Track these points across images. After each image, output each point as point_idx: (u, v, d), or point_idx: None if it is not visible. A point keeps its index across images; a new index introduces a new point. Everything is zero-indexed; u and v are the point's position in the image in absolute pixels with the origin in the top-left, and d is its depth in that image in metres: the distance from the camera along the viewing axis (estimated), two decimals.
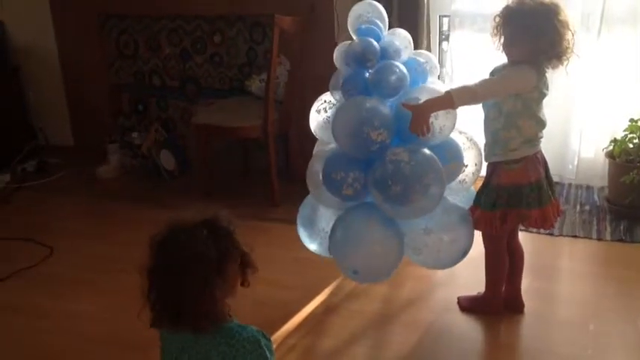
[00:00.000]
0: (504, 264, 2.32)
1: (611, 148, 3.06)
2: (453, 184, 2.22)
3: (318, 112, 2.28)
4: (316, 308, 2.46)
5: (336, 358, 2.17)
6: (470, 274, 2.46)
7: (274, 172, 3.37)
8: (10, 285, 2.71)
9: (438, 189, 2.04)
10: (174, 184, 3.80)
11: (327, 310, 2.45)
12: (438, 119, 2.06)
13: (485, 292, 2.37)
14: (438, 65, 2.32)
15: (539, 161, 2.19)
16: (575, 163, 3.38)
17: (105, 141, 4.01)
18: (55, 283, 2.73)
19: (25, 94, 4.29)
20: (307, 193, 2.35)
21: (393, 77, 2.07)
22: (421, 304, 2.50)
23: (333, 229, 2.18)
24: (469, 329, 2.34)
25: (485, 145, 2.23)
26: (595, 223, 3.04)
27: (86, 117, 4.25)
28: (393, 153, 2.00)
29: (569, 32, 2.03)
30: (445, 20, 3.40)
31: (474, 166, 2.24)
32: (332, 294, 2.56)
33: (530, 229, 2.81)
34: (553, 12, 2.03)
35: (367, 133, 1.98)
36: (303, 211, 2.37)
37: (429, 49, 3.27)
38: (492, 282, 2.33)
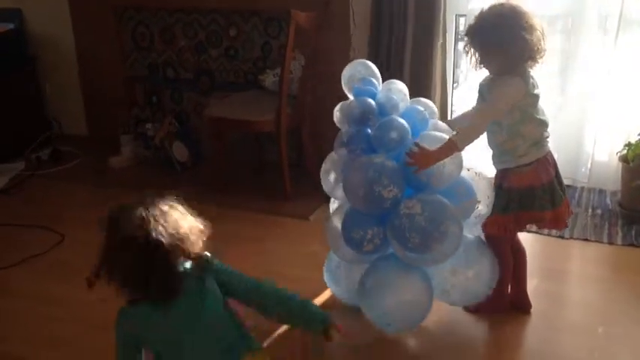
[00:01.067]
0: (509, 264, 2.32)
1: (625, 152, 3.04)
2: (470, 220, 2.23)
3: (327, 172, 2.30)
4: (326, 302, 2.47)
5: (344, 354, 2.18)
6: None
7: (286, 166, 3.38)
8: (21, 271, 2.74)
9: (456, 231, 2.06)
10: (186, 175, 3.81)
11: (336, 305, 2.46)
12: (446, 166, 2.07)
13: (491, 292, 2.37)
14: (436, 110, 2.35)
15: (549, 162, 2.19)
16: (589, 166, 3.35)
17: (118, 132, 4.04)
18: (65, 270, 2.75)
19: (41, 84, 4.32)
20: (319, 188, 2.36)
21: (394, 133, 2.09)
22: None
23: (361, 282, 2.21)
24: (474, 330, 2.34)
25: (493, 155, 2.24)
26: (607, 227, 3.02)
27: (101, 108, 4.27)
28: (406, 206, 2.02)
29: (537, 32, 2.04)
30: (462, 20, 3.39)
31: (486, 198, 2.23)
32: None
33: (541, 230, 2.84)
34: (513, 20, 2.03)
35: (379, 192, 2.01)
36: (329, 265, 2.42)
37: (444, 48, 3.26)
38: (498, 282, 2.32)
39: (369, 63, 2.32)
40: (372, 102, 2.18)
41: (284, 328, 2.23)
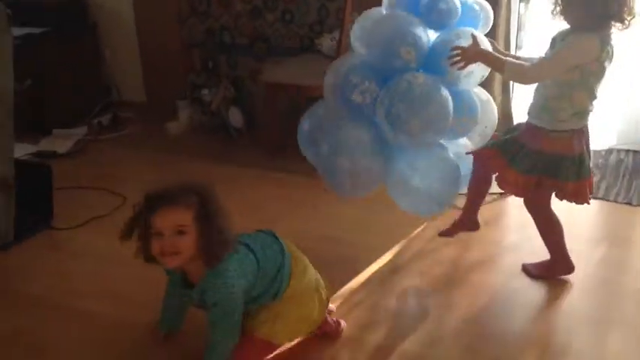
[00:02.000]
0: (557, 226, 2.27)
1: None
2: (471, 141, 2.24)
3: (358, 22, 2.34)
4: (382, 267, 2.45)
5: (400, 317, 2.17)
6: (540, 240, 2.39)
7: None
8: (85, 231, 2.81)
9: (437, 127, 2.08)
10: (241, 141, 3.83)
11: (393, 269, 2.44)
12: (474, 70, 2.07)
13: (550, 257, 2.33)
14: (491, 18, 2.30)
15: (584, 135, 2.11)
16: None
17: (175, 98, 4.08)
18: None
19: (101, 51, 4.39)
20: None
21: (445, 7, 2.12)
22: (489, 268, 2.45)
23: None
24: (535, 295, 2.29)
25: (533, 105, 2.15)
26: None
27: (158, 74, 4.31)
28: (412, 75, 2.06)
29: None
30: None
31: (484, 128, 2.27)
32: (399, 254, 2.55)
33: (608, 196, 2.75)
34: None
35: (397, 46, 2.05)
36: None
37: (508, 9, 3.15)
38: (553, 246, 2.29)
39: None
40: None
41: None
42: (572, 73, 2.00)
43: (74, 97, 4.12)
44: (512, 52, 3.24)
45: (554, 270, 2.32)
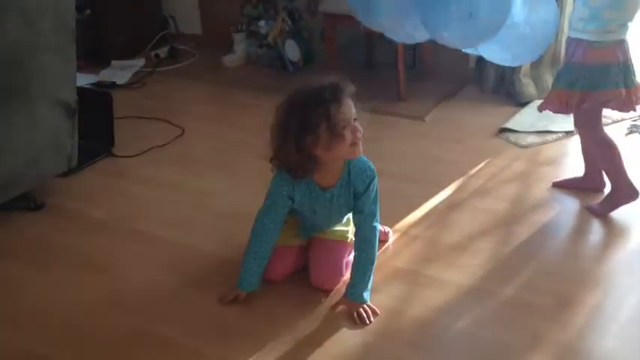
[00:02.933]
0: (614, 149, 2.21)
1: None
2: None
3: None
4: (440, 203, 2.42)
5: (458, 251, 2.14)
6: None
7: (401, 66, 3.26)
8: (144, 160, 2.86)
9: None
10: (299, 75, 3.78)
11: (451, 205, 2.40)
12: None
13: (611, 186, 2.28)
14: None
15: (625, 44, 2.06)
16: None
17: (231, 30, 4.04)
18: (185, 160, 2.86)
19: None
20: (435, 88, 2.26)
21: None
22: (551, 207, 2.38)
23: None
24: (599, 234, 2.23)
25: (579, 18, 2.05)
26: None
27: (215, 5, 4.27)
28: None
29: None
30: None
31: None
32: (457, 191, 2.50)
33: None
34: None
35: None
36: None
37: None
38: (613, 172, 2.24)
39: None
40: None
41: None
42: None
43: (132, 28, 4.13)
44: None
45: (618, 199, 2.25)
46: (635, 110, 2.19)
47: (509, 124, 2.94)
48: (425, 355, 1.73)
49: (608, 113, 2.42)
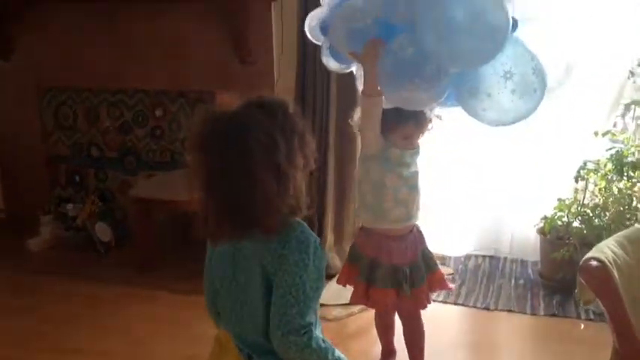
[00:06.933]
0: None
1: (541, 225, 3.17)
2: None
3: None
4: None
5: None
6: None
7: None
8: None
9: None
10: (110, 256, 3.69)
11: None
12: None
13: None
14: None
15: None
16: (510, 237, 3.48)
17: (38, 212, 3.89)
18: None
19: None
20: None
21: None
22: None
23: None
24: None
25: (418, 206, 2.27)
26: (529, 297, 3.11)
27: (20, 187, 4.13)
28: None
29: None
30: None
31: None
32: None
33: (467, 302, 2.91)
34: None
35: None
36: None
37: None
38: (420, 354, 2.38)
39: None
40: None
41: None
42: None
43: None
44: None
45: None
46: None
47: None
48: None
49: None
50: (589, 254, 1.76)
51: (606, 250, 1.76)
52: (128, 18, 3.65)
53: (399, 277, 2.19)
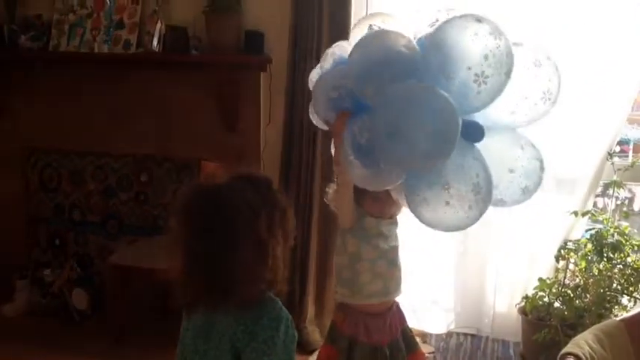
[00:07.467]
0: None
1: (523, 304, 3.16)
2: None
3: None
4: None
5: None
6: None
7: None
8: None
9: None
10: (86, 325, 3.60)
11: None
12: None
13: None
14: None
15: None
16: (491, 317, 3.45)
17: (14, 276, 3.81)
18: None
19: None
20: None
21: None
22: None
23: None
24: None
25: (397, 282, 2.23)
26: None
27: None
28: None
29: None
30: None
31: None
32: None
33: None
34: None
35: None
36: None
37: None
38: None
39: None
40: None
41: None
42: None
43: None
44: None
45: None
46: None
47: None
48: None
49: None
50: (566, 349, 1.75)
51: (583, 344, 1.76)
52: (117, 82, 3.69)
53: (379, 359, 2.15)
